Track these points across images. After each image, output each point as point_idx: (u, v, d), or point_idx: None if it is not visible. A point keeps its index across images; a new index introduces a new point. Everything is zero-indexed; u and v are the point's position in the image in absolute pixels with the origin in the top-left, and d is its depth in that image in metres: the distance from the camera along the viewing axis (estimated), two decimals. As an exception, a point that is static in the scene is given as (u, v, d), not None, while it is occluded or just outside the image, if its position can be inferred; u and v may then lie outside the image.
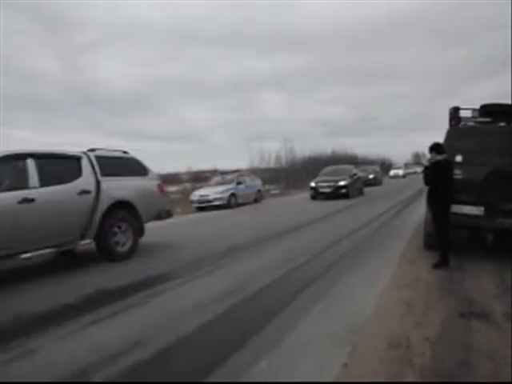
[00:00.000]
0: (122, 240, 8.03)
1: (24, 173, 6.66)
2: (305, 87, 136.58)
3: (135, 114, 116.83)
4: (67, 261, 8.20)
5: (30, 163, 6.75)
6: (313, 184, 22.55)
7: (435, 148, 6.54)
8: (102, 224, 7.62)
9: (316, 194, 22.08)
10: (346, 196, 21.13)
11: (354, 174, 23.38)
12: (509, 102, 7.60)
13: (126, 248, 8.10)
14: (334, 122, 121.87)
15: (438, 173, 6.43)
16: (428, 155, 6.76)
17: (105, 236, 7.68)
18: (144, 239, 8.93)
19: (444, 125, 7.64)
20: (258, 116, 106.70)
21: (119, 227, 7.97)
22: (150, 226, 9.20)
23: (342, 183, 21.43)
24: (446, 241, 6.48)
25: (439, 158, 6.45)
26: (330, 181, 21.76)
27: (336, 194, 21.27)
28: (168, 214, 9.70)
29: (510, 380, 3.13)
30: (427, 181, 6.64)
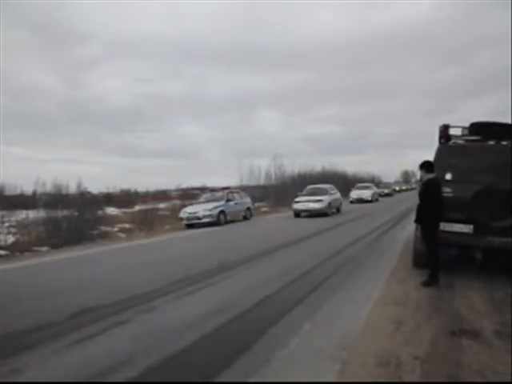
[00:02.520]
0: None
1: None
2: (301, 105, 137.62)
3: (132, 131, 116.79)
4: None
5: None
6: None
7: (426, 166, 6.58)
8: None
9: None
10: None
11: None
12: (505, 119, 7.68)
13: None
14: (327, 140, 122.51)
15: (430, 191, 6.46)
16: (418, 173, 6.77)
17: None
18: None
19: (435, 143, 7.70)
20: (253, 133, 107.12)
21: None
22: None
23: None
24: (436, 259, 6.48)
25: (431, 176, 6.49)
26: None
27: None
28: None
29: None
30: (425, 199, 6.56)
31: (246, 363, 3.78)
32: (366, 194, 36.01)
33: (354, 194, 36.55)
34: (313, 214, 22.08)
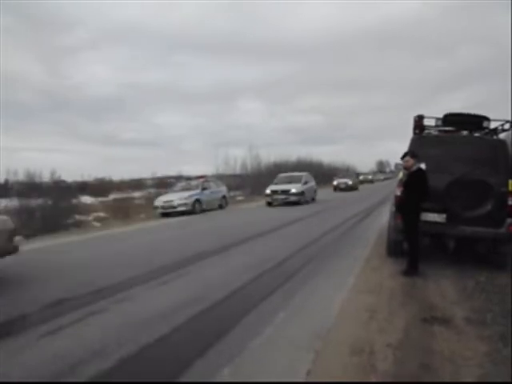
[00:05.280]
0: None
1: None
2: (285, 95, 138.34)
3: (111, 120, 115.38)
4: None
5: None
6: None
7: (413, 154, 6.65)
8: None
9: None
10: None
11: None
12: (481, 112, 7.77)
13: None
14: (307, 131, 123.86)
15: (417, 181, 6.50)
16: (392, 163, 6.80)
17: None
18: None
19: (410, 134, 7.76)
20: (234, 123, 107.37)
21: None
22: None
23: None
24: (416, 248, 6.57)
25: (421, 165, 6.54)
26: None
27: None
28: None
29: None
30: (412, 189, 6.56)
31: (221, 352, 3.79)
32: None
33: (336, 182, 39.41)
34: (286, 203, 21.87)
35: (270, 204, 22.71)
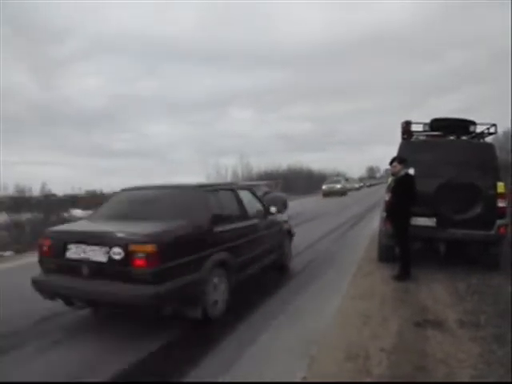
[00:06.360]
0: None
1: None
2: (274, 103, 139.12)
3: (102, 131, 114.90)
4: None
5: None
6: None
7: (400, 159, 6.72)
8: None
9: None
10: None
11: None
12: (467, 116, 7.87)
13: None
14: (297, 138, 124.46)
15: (405, 186, 6.54)
16: (382, 169, 6.87)
17: None
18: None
19: (398, 139, 7.83)
20: (224, 132, 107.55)
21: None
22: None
23: None
24: (407, 253, 6.61)
25: (410, 171, 6.61)
26: None
27: None
28: None
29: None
30: (400, 195, 6.61)
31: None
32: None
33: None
34: None
35: None
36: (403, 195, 6.54)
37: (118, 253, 4.09)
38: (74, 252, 4.44)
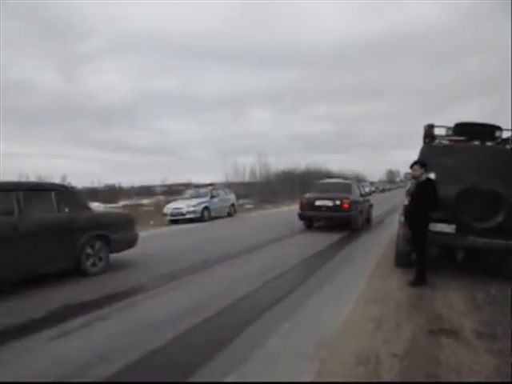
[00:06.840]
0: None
1: None
2: (294, 103, 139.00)
3: (122, 127, 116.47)
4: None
5: None
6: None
7: (422, 163, 6.61)
8: None
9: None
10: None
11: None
12: (494, 121, 7.70)
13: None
14: (316, 139, 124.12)
15: (426, 191, 6.42)
16: (402, 173, 6.76)
17: None
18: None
19: (420, 143, 7.71)
20: (243, 131, 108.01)
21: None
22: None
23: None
24: (424, 259, 6.50)
25: (430, 175, 6.49)
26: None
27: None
28: None
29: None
30: (420, 199, 6.47)
31: (225, 360, 3.76)
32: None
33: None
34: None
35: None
36: (423, 200, 6.41)
37: (337, 203, 13.25)
38: (318, 202, 13.68)
